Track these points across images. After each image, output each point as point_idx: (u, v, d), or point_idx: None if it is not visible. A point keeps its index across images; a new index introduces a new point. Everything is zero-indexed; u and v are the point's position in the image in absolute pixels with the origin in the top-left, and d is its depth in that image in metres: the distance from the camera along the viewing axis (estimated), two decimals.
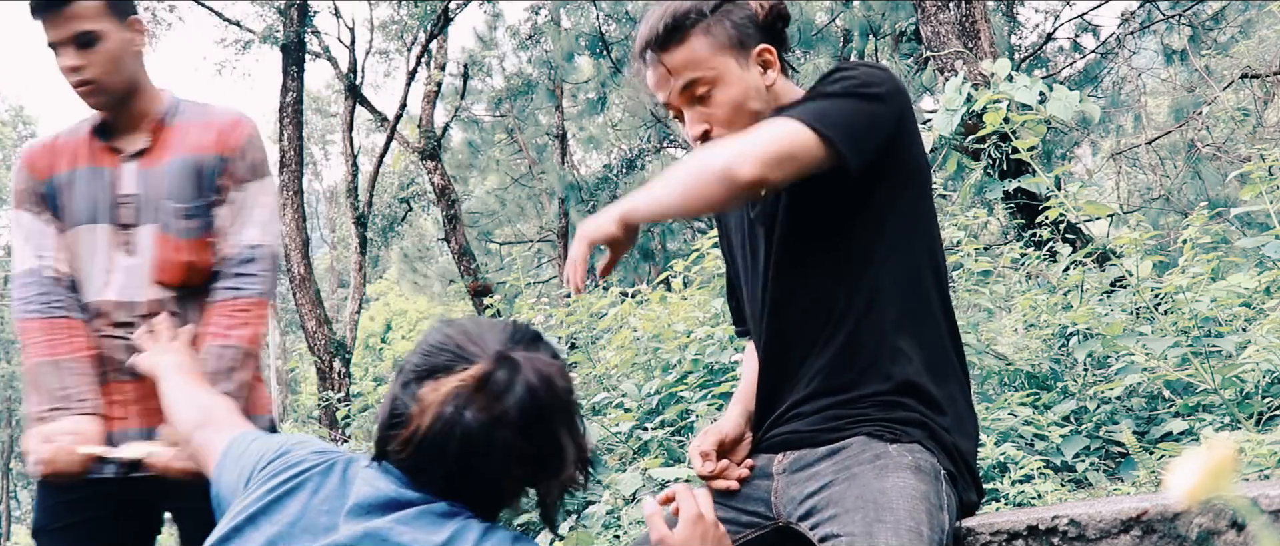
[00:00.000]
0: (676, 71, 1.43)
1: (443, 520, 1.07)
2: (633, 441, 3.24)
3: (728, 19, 1.43)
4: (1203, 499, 0.49)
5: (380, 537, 1.04)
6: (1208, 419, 2.30)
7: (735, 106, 1.42)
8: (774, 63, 1.46)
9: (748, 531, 1.44)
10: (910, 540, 1.21)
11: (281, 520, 1.10)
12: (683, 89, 1.43)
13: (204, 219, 1.78)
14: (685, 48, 1.42)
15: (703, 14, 1.42)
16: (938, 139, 4.35)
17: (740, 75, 1.43)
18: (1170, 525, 1.26)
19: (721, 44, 1.42)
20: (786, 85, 1.49)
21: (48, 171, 1.80)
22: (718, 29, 1.42)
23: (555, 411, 1.11)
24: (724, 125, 1.43)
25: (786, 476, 1.43)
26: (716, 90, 1.42)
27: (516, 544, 1.09)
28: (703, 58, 1.42)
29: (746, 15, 1.45)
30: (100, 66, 1.72)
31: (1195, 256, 2.82)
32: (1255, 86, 7.18)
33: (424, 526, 1.06)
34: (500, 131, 17.64)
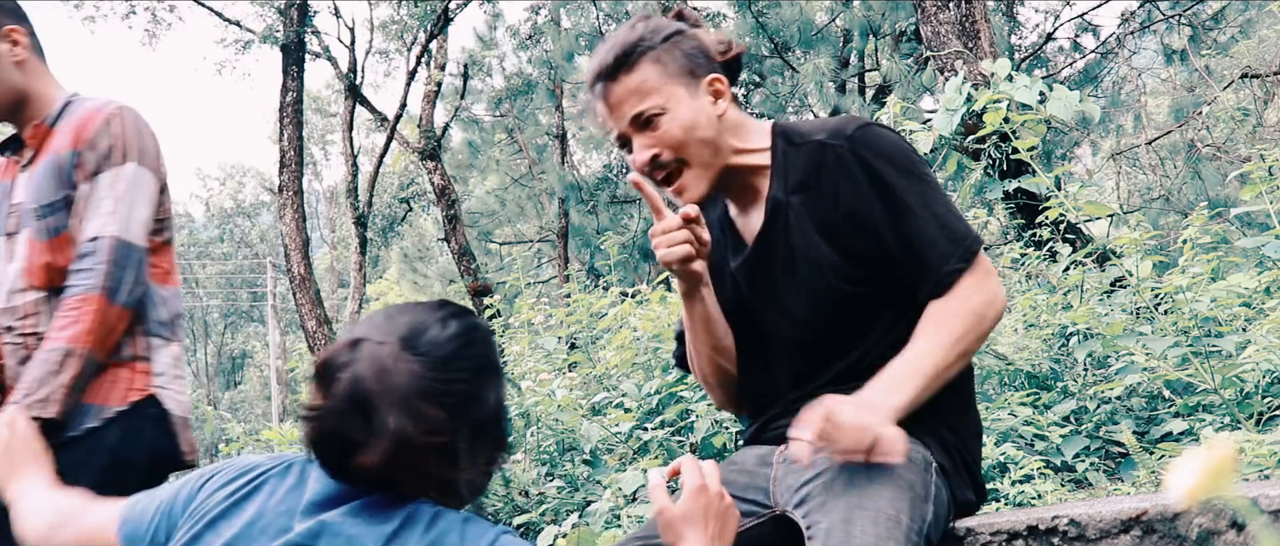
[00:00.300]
0: (627, 99, 1.45)
1: (392, 510, 1.07)
2: (633, 441, 3.24)
3: (678, 48, 1.46)
4: (1203, 499, 0.49)
5: (332, 531, 1.05)
6: (1208, 419, 2.30)
7: (685, 131, 1.44)
8: (725, 93, 1.48)
9: (747, 520, 1.46)
10: (887, 529, 1.22)
11: (239, 522, 1.10)
12: (633, 117, 1.45)
13: (59, 217, 1.75)
14: (636, 75, 1.44)
15: (653, 44, 1.45)
16: (938, 139, 4.35)
17: (690, 103, 1.45)
18: (1170, 525, 1.26)
19: (671, 72, 1.45)
20: (739, 117, 1.51)
21: None
22: (668, 57, 1.45)
23: (383, 393, 1.06)
24: (673, 150, 1.45)
25: (785, 465, 1.45)
26: (666, 117, 1.44)
27: (467, 526, 1.07)
28: (653, 85, 1.44)
29: (697, 46, 1.48)
30: None
31: (1195, 256, 2.82)
32: (1255, 86, 7.18)
33: (373, 518, 1.06)
34: (500, 131, 17.63)
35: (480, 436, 1.13)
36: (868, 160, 1.40)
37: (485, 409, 1.13)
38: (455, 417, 1.09)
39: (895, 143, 1.43)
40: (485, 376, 1.14)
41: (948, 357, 1.35)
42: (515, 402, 3.76)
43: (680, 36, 1.47)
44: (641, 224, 13.12)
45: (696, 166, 1.46)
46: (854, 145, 1.41)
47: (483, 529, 1.08)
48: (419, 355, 1.08)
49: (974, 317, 1.37)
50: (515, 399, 3.79)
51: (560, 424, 3.51)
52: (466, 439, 1.11)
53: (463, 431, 1.10)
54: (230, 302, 38.35)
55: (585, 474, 3.29)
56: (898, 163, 1.40)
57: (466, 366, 1.12)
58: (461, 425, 1.10)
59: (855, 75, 11.55)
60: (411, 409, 1.06)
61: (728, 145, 1.48)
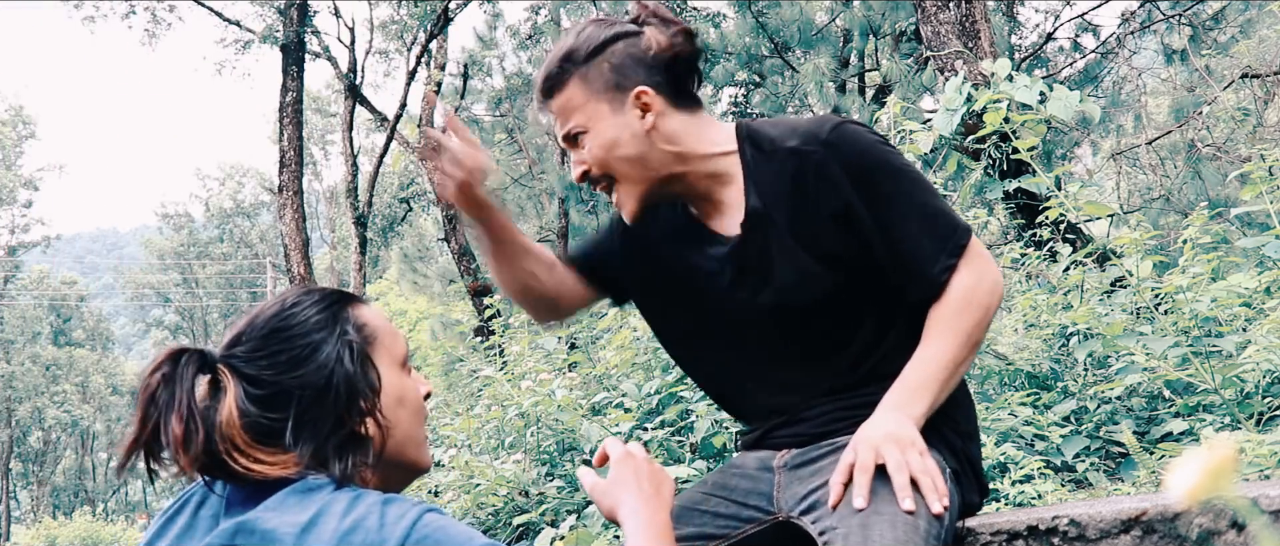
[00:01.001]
0: (557, 118, 1.47)
1: (307, 496, 1.05)
2: (633, 441, 3.24)
3: (605, 62, 1.43)
4: (1203, 499, 0.49)
5: (249, 529, 1.02)
6: (1208, 419, 2.30)
7: (605, 150, 1.44)
8: (653, 105, 1.43)
9: (748, 526, 1.45)
10: (906, 533, 1.21)
11: (169, 536, 1.09)
12: (563, 135, 1.47)
13: None
14: (562, 96, 1.45)
15: (580, 59, 1.44)
16: (938, 139, 4.35)
17: (612, 121, 1.43)
18: (1170, 525, 1.26)
19: (594, 90, 1.43)
20: (678, 127, 1.45)
21: None
22: (594, 73, 1.43)
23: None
24: (598, 168, 1.45)
25: (788, 472, 1.44)
26: (587, 137, 1.44)
27: (387, 506, 1.04)
28: (576, 105, 1.44)
29: (630, 55, 1.44)
30: None
31: (1195, 256, 2.82)
32: (1255, 86, 7.17)
33: (289, 507, 1.03)
34: (500, 131, 17.63)
35: (320, 399, 1.11)
36: (848, 162, 1.38)
37: (306, 375, 1.11)
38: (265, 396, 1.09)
39: (871, 140, 1.40)
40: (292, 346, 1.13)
41: (959, 354, 1.36)
42: (515, 402, 3.76)
43: (612, 46, 1.44)
44: None
45: (624, 183, 1.46)
46: (831, 150, 1.38)
47: (403, 507, 1.04)
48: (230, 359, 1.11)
49: (979, 310, 1.37)
50: (515, 398, 3.79)
51: (560, 424, 3.51)
52: (305, 407, 1.09)
53: (280, 407, 1.09)
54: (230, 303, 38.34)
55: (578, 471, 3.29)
56: (877, 161, 1.38)
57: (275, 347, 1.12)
58: (276, 403, 1.09)
59: (855, 75, 11.54)
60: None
61: (661, 157, 1.44)
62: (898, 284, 1.41)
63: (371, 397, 1.13)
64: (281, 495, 1.05)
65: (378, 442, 1.14)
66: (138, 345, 57.02)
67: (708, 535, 1.46)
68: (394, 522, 1.02)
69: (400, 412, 1.18)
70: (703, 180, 1.47)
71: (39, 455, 40.17)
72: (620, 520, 1.23)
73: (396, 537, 1.00)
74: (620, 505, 1.23)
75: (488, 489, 3.37)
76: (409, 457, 1.20)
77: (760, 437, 1.53)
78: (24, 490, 42.29)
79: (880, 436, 1.30)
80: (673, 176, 1.46)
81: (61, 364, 39.68)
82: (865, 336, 1.44)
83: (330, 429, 1.10)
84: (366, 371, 1.14)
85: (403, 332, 1.28)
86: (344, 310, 1.17)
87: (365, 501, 1.04)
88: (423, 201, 22.10)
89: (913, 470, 1.27)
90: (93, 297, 48.32)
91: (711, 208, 1.49)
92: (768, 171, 1.43)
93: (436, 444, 4.86)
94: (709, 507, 1.48)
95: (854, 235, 1.39)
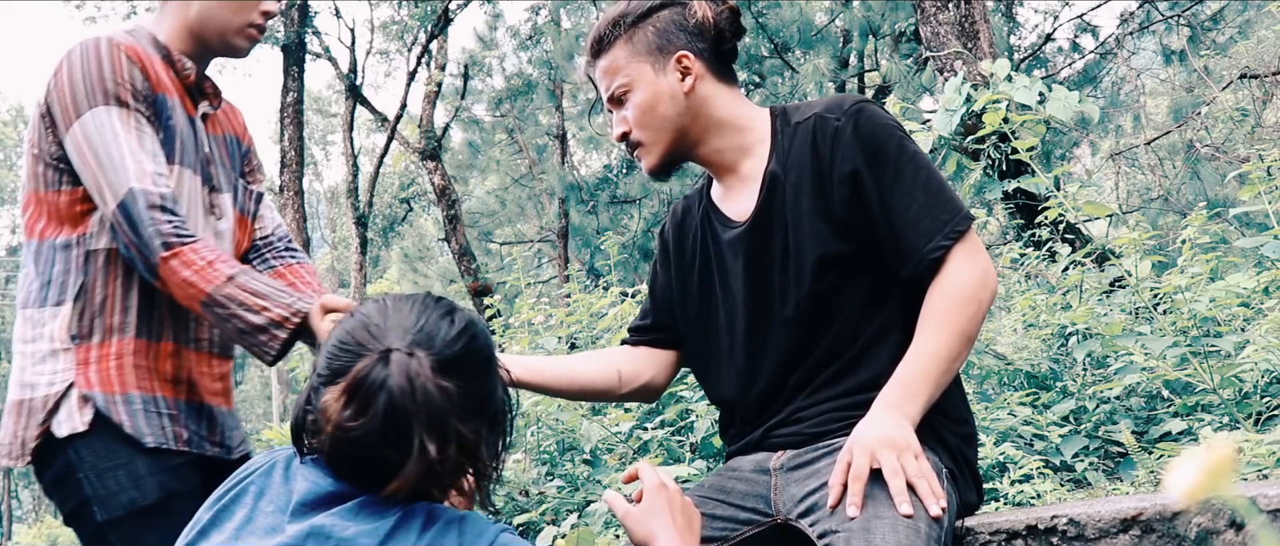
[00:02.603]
0: (602, 78, 1.54)
1: (384, 509, 1.05)
2: (633, 441, 3.24)
3: (650, 26, 1.51)
4: (1201, 498, 0.49)
5: (323, 535, 1.02)
6: (1207, 419, 2.30)
7: (645, 110, 1.51)
8: (693, 69, 1.51)
9: (746, 529, 1.45)
10: (908, 536, 1.22)
11: (229, 528, 1.08)
12: (608, 95, 1.54)
13: (244, 198, 1.80)
14: (608, 57, 1.53)
15: (629, 22, 1.51)
16: (937, 139, 4.35)
17: (653, 80, 1.50)
18: (1169, 525, 1.27)
19: (639, 51, 1.51)
20: (711, 95, 1.52)
21: (158, 85, 1.58)
22: (639, 35, 1.51)
23: (419, 413, 1.04)
24: (638, 127, 1.52)
25: (785, 473, 1.44)
26: (630, 95, 1.52)
27: (465, 524, 1.05)
28: (621, 65, 1.52)
29: (674, 20, 1.52)
30: None
31: (1194, 256, 2.82)
32: (1254, 87, 7.18)
33: (366, 518, 1.04)
34: (500, 131, 17.63)
35: (494, 433, 1.13)
36: (863, 133, 1.42)
37: (495, 404, 1.14)
38: (479, 426, 1.09)
39: (890, 121, 1.45)
40: (491, 370, 1.15)
41: (954, 349, 1.37)
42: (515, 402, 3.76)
43: (660, 12, 1.52)
44: (642, 224, 13.11)
45: (651, 143, 1.52)
46: (850, 119, 1.43)
47: (481, 527, 1.06)
48: (445, 368, 1.07)
49: (973, 304, 1.37)
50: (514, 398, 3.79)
51: (560, 424, 3.52)
52: (486, 441, 1.11)
53: (483, 436, 1.10)
54: None
55: (585, 474, 3.29)
56: (891, 138, 1.42)
57: (477, 367, 1.12)
58: (482, 430, 1.10)
59: (855, 75, 11.55)
60: (446, 430, 1.05)
61: (692, 122, 1.52)
62: (892, 261, 1.42)
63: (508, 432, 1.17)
64: (357, 503, 1.05)
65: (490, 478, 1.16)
66: None
67: (706, 538, 1.46)
68: (472, 541, 1.05)
69: None
70: (731, 152, 1.54)
71: None
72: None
73: None
74: (655, 536, 1.25)
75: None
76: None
77: (758, 440, 1.53)
78: (25, 489, 42.26)
79: (875, 440, 1.30)
80: (702, 141, 1.53)
81: None
82: (854, 310, 1.44)
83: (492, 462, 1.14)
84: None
85: None
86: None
87: (444, 516, 1.06)
88: (423, 201, 22.10)
89: (908, 474, 1.28)
90: None
91: (735, 179, 1.55)
92: (791, 140, 1.49)
93: None
94: (706, 510, 1.48)
95: (858, 203, 1.42)
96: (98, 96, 1.50)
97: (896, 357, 1.40)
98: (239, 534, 1.07)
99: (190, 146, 1.62)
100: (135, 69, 1.53)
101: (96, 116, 1.49)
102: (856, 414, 1.41)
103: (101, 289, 1.54)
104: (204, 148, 1.67)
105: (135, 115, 1.51)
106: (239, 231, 1.75)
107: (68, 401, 1.52)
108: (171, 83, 1.62)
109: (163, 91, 1.58)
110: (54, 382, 1.53)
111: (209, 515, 1.11)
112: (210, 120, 1.72)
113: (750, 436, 1.53)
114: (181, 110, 1.62)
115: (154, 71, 1.57)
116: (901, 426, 1.31)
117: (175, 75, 1.64)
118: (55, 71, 1.53)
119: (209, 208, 1.66)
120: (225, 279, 1.48)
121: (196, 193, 1.63)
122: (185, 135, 1.61)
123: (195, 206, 1.62)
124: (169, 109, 1.58)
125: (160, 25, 1.66)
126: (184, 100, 1.64)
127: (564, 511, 3.12)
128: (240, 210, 1.77)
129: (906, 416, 1.33)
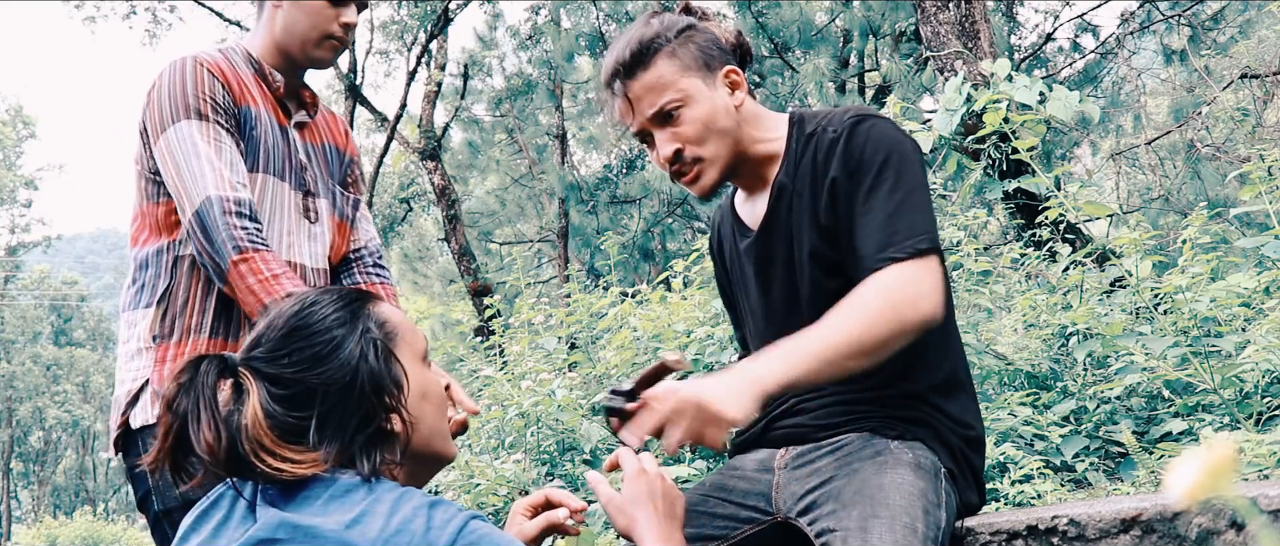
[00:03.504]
0: (646, 95, 1.46)
1: (349, 496, 1.05)
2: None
3: (692, 42, 1.47)
4: (1202, 499, 0.49)
5: (292, 524, 1.02)
6: (1207, 419, 2.30)
7: (705, 125, 1.46)
8: (741, 84, 1.50)
9: (748, 527, 1.45)
10: (904, 536, 1.21)
11: (206, 530, 1.08)
12: (653, 113, 1.46)
13: (342, 205, 1.84)
14: (652, 72, 1.45)
15: (667, 38, 1.46)
16: (938, 139, 4.35)
17: (708, 95, 1.46)
18: (1170, 525, 1.26)
19: (687, 65, 1.46)
20: (755, 108, 1.53)
21: (242, 97, 1.68)
22: (683, 52, 1.46)
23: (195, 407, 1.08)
24: (695, 144, 1.46)
25: (787, 472, 1.44)
26: (686, 110, 1.46)
27: (434, 510, 1.04)
28: (670, 80, 1.45)
29: (710, 39, 1.49)
30: None
31: (1195, 256, 2.82)
32: (1255, 86, 7.18)
33: (333, 509, 1.04)
34: (500, 131, 17.62)
35: (347, 398, 1.10)
36: (852, 144, 1.41)
37: (325, 373, 1.11)
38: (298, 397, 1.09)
39: (886, 137, 1.41)
40: (314, 348, 1.12)
41: (850, 346, 1.26)
42: (515, 402, 3.76)
43: (693, 30, 1.49)
44: (642, 224, 13.11)
45: (713, 159, 1.47)
46: (846, 131, 1.43)
47: (449, 512, 1.04)
48: (258, 360, 1.11)
49: (890, 309, 1.28)
50: (515, 398, 3.79)
51: (560, 424, 3.51)
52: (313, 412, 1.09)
53: (323, 404, 1.09)
54: None
55: (585, 474, 3.29)
56: (880, 153, 1.39)
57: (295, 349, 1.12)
58: (300, 402, 1.09)
59: (855, 75, 11.54)
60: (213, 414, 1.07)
61: (745, 135, 1.50)
62: (850, 271, 1.39)
63: (397, 393, 1.13)
64: (324, 499, 1.05)
65: (404, 438, 1.15)
66: None
67: (707, 536, 1.46)
68: (440, 527, 1.03)
69: (425, 407, 1.19)
70: (759, 162, 1.53)
71: (40, 455, 40.17)
72: (636, 538, 1.25)
73: (443, 543, 1.01)
74: (636, 523, 1.24)
75: (488, 489, 3.37)
76: (435, 449, 1.21)
77: (760, 433, 1.53)
78: (25, 490, 42.28)
79: (692, 404, 1.22)
80: (747, 155, 1.52)
81: (62, 364, 39.67)
82: None
83: (357, 426, 1.10)
84: (391, 367, 1.14)
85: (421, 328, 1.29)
86: (364, 308, 1.18)
87: (411, 501, 1.05)
88: (423, 201, 22.10)
89: (672, 446, 1.24)
90: (93, 298, 48.31)
91: (758, 186, 1.55)
92: (804, 150, 1.48)
93: None
94: (708, 508, 1.48)
95: (834, 211, 1.42)
96: (180, 111, 1.60)
97: (903, 355, 1.40)
98: (217, 533, 1.07)
99: (278, 154, 1.70)
100: (217, 83, 1.63)
101: (179, 130, 1.59)
102: (861, 408, 1.41)
103: (184, 292, 1.64)
104: (298, 155, 1.74)
105: (215, 127, 1.61)
106: (337, 236, 1.81)
107: (144, 396, 1.62)
108: (262, 94, 1.71)
109: (247, 103, 1.67)
110: (137, 378, 1.63)
111: (188, 525, 1.11)
112: (307, 129, 1.81)
113: (752, 430, 1.54)
114: (270, 120, 1.71)
115: (238, 85, 1.67)
116: (732, 401, 1.21)
117: (267, 87, 1.73)
118: (148, 90, 1.65)
119: (303, 211, 1.73)
120: (284, 295, 1.54)
121: (287, 198, 1.71)
122: (273, 144, 1.69)
123: (287, 211, 1.70)
124: (253, 119, 1.67)
125: (253, 40, 1.78)
126: (274, 110, 1.73)
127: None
128: (339, 215, 1.83)
129: (756, 394, 1.23)
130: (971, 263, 3.37)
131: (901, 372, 1.41)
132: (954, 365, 1.48)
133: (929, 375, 1.43)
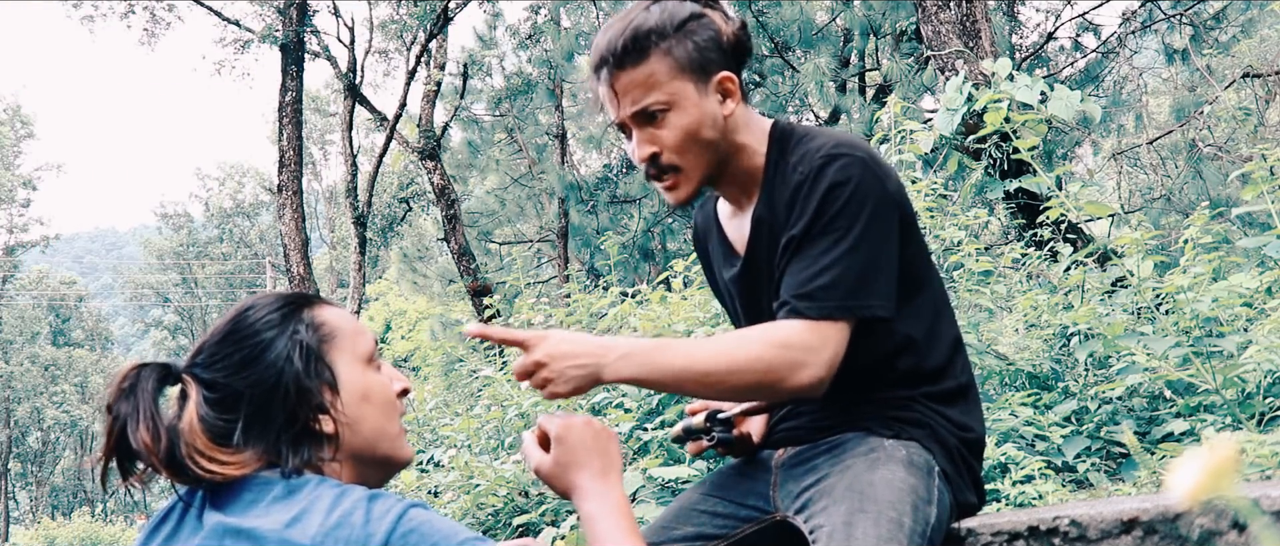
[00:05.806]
0: (632, 90, 1.36)
1: (292, 495, 1.06)
2: (633, 441, 3.23)
3: (691, 39, 1.36)
4: (1204, 499, 0.49)
5: (235, 530, 1.03)
6: (1209, 419, 2.29)
7: (688, 134, 1.36)
8: (734, 92, 1.39)
9: (747, 526, 1.45)
10: (889, 530, 1.21)
11: (158, 539, 1.10)
12: (636, 111, 1.37)
13: None
14: (644, 68, 1.35)
15: (665, 33, 1.35)
16: (938, 139, 4.35)
17: (697, 102, 1.36)
18: (1171, 526, 1.26)
19: (681, 67, 1.35)
20: (744, 116, 1.42)
21: None
22: (680, 50, 1.35)
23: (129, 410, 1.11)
24: (674, 152, 1.37)
25: (785, 470, 1.44)
26: (671, 114, 1.36)
27: (372, 503, 1.04)
28: (660, 80, 1.35)
29: (710, 37, 1.37)
30: None
31: (1197, 256, 2.81)
32: (1257, 86, 7.18)
33: (275, 509, 1.05)
34: (500, 131, 17.62)
35: (264, 404, 1.11)
36: (817, 189, 1.32)
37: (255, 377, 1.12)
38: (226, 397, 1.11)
39: (855, 183, 1.31)
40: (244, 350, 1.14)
41: (708, 377, 1.26)
42: (515, 403, 3.75)
43: (695, 24, 1.37)
44: (642, 224, 13.11)
45: (691, 170, 1.39)
46: (815, 172, 1.33)
47: (388, 503, 1.04)
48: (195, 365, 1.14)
49: (765, 367, 1.26)
50: (515, 399, 3.78)
51: None
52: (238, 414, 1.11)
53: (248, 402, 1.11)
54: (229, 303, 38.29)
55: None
56: (838, 201, 1.31)
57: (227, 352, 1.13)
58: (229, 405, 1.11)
59: (856, 75, 11.54)
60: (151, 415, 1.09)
61: (730, 144, 1.41)
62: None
63: (321, 395, 1.13)
64: (267, 501, 1.06)
65: (342, 439, 1.14)
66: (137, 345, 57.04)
67: (706, 535, 1.46)
68: (379, 518, 1.02)
69: (365, 408, 1.17)
70: (743, 175, 1.44)
71: (38, 455, 40.18)
72: (576, 502, 1.22)
73: (382, 533, 1.01)
74: (573, 488, 1.22)
75: (487, 489, 3.37)
76: (382, 452, 1.18)
77: None
78: (23, 490, 42.29)
79: (548, 355, 1.24)
80: (727, 166, 1.43)
81: (60, 364, 39.67)
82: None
83: (281, 426, 1.11)
84: (318, 369, 1.14)
85: (370, 329, 1.27)
86: (299, 310, 1.17)
87: (350, 497, 1.05)
88: (422, 201, 22.11)
89: (531, 377, 1.25)
90: (92, 298, 48.31)
91: (742, 201, 1.48)
92: (781, 181, 1.40)
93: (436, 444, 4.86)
94: (707, 507, 1.48)
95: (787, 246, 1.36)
96: None
97: (903, 358, 1.40)
98: (168, 543, 1.09)
99: None
100: None
101: None
102: (861, 409, 1.40)
103: None
104: None
105: None
106: None
107: None
108: None
109: None
110: None
111: (144, 535, 1.12)
112: None
113: (746, 444, 1.54)
114: None
115: None
116: (576, 362, 1.23)
117: None
118: None
119: None
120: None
121: None
122: None
123: None
124: None
125: None
126: None
127: (564, 512, 3.11)
128: None
129: (605, 364, 1.24)
130: (972, 263, 3.36)
131: (903, 376, 1.41)
132: (958, 370, 1.46)
133: (931, 379, 1.43)
